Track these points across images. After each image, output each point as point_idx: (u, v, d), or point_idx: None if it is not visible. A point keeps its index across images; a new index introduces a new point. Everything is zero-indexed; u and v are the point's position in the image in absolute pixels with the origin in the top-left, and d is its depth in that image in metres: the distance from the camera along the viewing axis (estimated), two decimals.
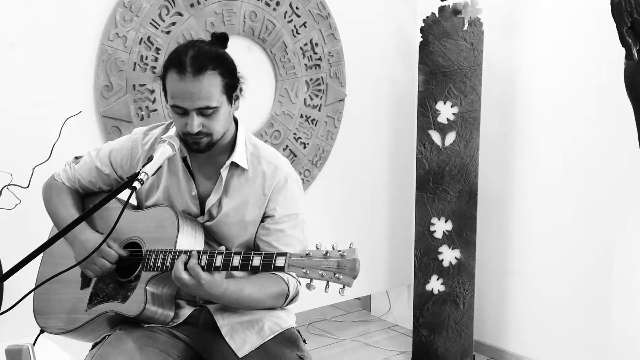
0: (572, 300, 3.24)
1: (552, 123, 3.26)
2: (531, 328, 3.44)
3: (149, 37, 2.75)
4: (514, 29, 3.38)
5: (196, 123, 1.74)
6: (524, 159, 3.40)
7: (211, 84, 1.73)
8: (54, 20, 2.54)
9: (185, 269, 1.67)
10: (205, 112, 1.74)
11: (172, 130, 1.88)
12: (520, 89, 3.38)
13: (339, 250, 1.56)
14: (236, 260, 1.66)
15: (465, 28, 3.24)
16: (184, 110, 1.75)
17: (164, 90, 1.79)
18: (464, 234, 3.35)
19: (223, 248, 1.71)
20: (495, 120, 3.47)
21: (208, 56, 1.74)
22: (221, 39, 1.85)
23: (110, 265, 1.84)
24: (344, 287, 1.55)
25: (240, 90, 1.85)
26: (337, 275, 1.54)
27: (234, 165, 1.88)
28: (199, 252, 1.69)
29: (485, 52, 3.29)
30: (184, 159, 1.90)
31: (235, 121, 1.92)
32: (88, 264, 1.84)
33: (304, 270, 1.57)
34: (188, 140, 1.80)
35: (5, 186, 2.20)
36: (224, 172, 1.87)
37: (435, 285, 3.41)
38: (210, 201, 1.88)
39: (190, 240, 1.81)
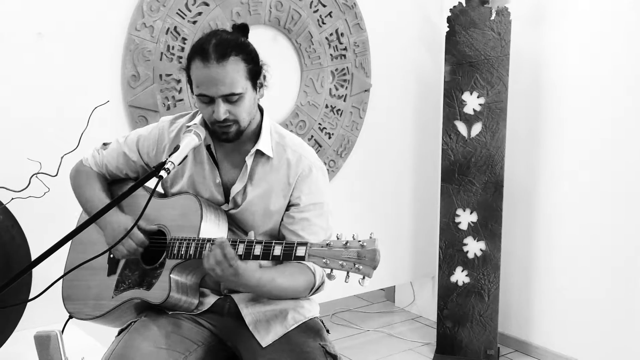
0: (599, 298, 3.21)
1: (581, 116, 3.23)
2: (556, 321, 3.42)
3: (175, 27, 2.77)
4: (543, 19, 3.34)
5: (222, 110, 1.76)
6: (551, 152, 3.37)
7: (235, 70, 1.74)
8: (82, 11, 2.57)
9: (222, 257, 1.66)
10: (230, 99, 1.76)
11: (198, 119, 1.90)
12: (548, 80, 3.35)
13: (359, 241, 1.56)
14: (257, 249, 1.67)
15: (492, 18, 3.21)
16: (209, 99, 1.76)
17: (189, 81, 1.81)
18: (489, 226, 3.33)
19: (252, 234, 1.71)
20: (522, 111, 3.44)
21: (230, 43, 1.76)
22: (242, 29, 1.86)
23: (136, 247, 1.86)
24: (364, 277, 1.54)
25: (264, 77, 1.86)
26: (357, 266, 1.54)
27: (259, 153, 1.89)
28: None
29: (512, 42, 3.25)
30: (208, 147, 1.91)
31: (261, 110, 1.93)
32: (117, 245, 1.86)
33: (324, 260, 1.57)
34: (217, 130, 1.81)
35: (34, 174, 2.23)
36: (249, 160, 1.88)
37: (460, 276, 3.40)
38: (235, 189, 1.90)
39: (214, 228, 1.82)
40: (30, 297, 1.70)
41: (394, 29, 3.54)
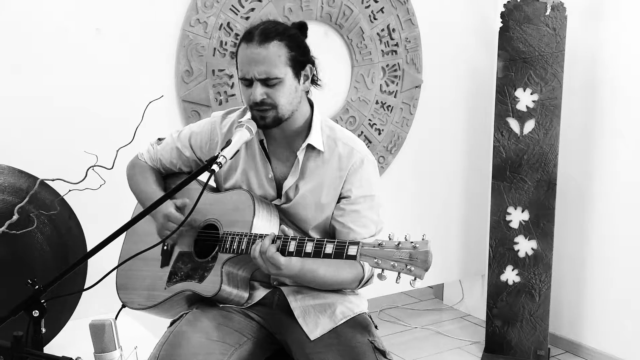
0: None
1: (638, 115, 3.14)
2: (609, 322, 3.35)
3: (228, 23, 2.80)
4: (600, 15, 3.26)
5: (259, 92, 1.77)
6: (606, 151, 3.30)
7: (276, 54, 1.76)
8: (138, 7, 2.62)
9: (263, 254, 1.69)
10: (269, 82, 1.77)
11: (249, 114, 1.92)
12: (604, 77, 3.27)
13: (412, 242, 1.54)
14: (309, 247, 1.67)
15: (547, 13, 3.15)
16: (249, 82, 1.78)
17: (237, 68, 1.83)
18: (541, 225, 3.28)
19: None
20: (576, 109, 3.37)
21: (277, 29, 1.79)
22: (300, 26, 1.88)
23: (185, 228, 1.89)
24: (415, 278, 1.54)
25: (311, 70, 1.87)
26: (408, 267, 1.53)
27: (310, 147, 1.90)
28: (273, 237, 1.71)
29: (568, 38, 3.19)
30: (261, 142, 1.93)
31: (311, 105, 1.94)
32: (163, 230, 1.90)
33: (375, 260, 1.56)
34: (255, 115, 1.82)
35: (90, 167, 2.28)
36: (300, 154, 1.89)
37: (510, 275, 3.36)
38: (287, 184, 1.91)
39: (266, 224, 1.84)
40: (86, 286, 1.74)
41: (446, 24, 3.51)
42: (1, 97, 2.41)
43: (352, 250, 1.61)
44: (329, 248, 1.65)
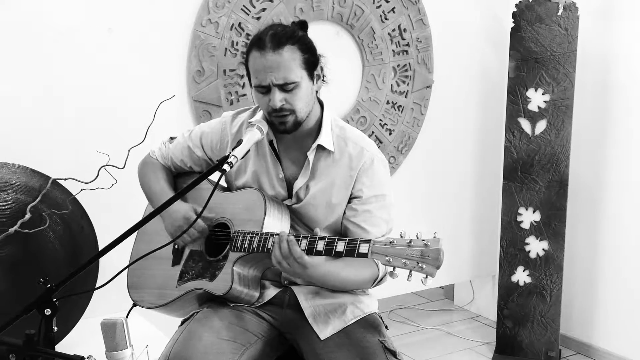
0: None
1: None
2: (621, 323, 3.33)
3: (239, 23, 2.81)
4: (612, 15, 3.24)
5: (278, 98, 1.77)
6: (618, 151, 3.28)
7: (291, 58, 1.76)
8: (149, 7, 2.63)
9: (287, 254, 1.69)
10: (286, 87, 1.77)
11: (259, 114, 1.92)
12: (617, 78, 3.25)
13: (423, 240, 1.54)
14: (320, 245, 1.68)
15: (559, 13, 3.14)
16: (266, 89, 1.78)
17: (248, 75, 1.83)
18: (552, 225, 3.26)
19: (318, 231, 1.73)
20: (588, 109, 3.35)
21: (287, 33, 1.79)
22: (300, 24, 1.88)
23: (198, 234, 1.90)
24: (426, 276, 1.53)
25: (322, 69, 1.87)
26: (420, 265, 1.53)
27: (321, 147, 1.90)
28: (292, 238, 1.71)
29: (580, 38, 3.17)
30: (271, 143, 1.93)
31: (321, 104, 1.94)
32: (179, 231, 1.90)
33: (387, 258, 1.56)
34: (274, 121, 1.83)
35: (102, 167, 2.30)
36: (310, 155, 1.89)
37: (521, 276, 3.35)
38: (298, 184, 1.91)
39: (277, 223, 1.84)
40: (97, 285, 1.75)
41: (458, 24, 3.50)
42: (14, 97, 2.42)
43: (363, 248, 1.62)
44: (341, 246, 1.65)
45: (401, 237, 1.58)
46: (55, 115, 2.49)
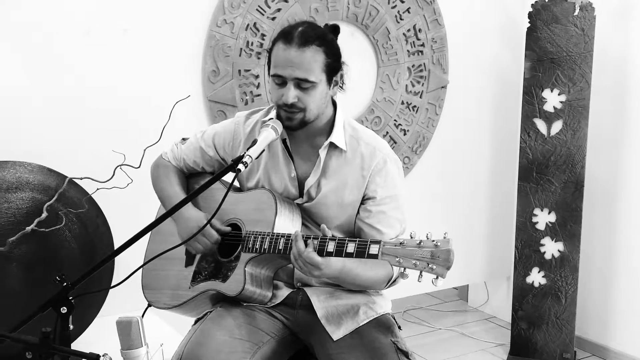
0: None
1: None
2: (637, 326, 3.31)
3: (255, 24, 2.81)
4: (629, 15, 3.22)
5: (292, 94, 1.78)
6: (635, 153, 3.25)
7: (314, 59, 1.77)
8: (165, 8, 2.65)
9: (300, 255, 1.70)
10: (302, 85, 1.78)
11: (273, 113, 1.92)
12: (634, 78, 3.23)
13: (433, 240, 1.54)
14: (331, 246, 1.68)
15: (576, 13, 3.12)
16: (282, 80, 1.79)
17: (269, 63, 1.84)
18: (568, 227, 3.25)
19: (324, 227, 1.73)
20: (605, 110, 3.33)
21: (316, 33, 1.80)
22: (333, 28, 1.89)
23: (211, 245, 1.91)
24: (437, 277, 1.53)
25: (341, 77, 1.87)
26: (430, 266, 1.53)
27: (333, 146, 1.90)
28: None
29: (596, 38, 3.15)
30: (284, 141, 1.93)
31: (334, 104, 1.94)
32: (192, 241, 1.91)
33: (397, 259, 1.57)
34: (282, 115, 1.83)
35: (118, 166, 2.31)
36: (322, 152, 1.89)
37: (536, 277, 3.33)
38: (309, 182, 1.91)
39: (288, 223, 1.85)
40: (113, 284, 1.76)
41: (473, 24, 3.49)
42: (30, 97, 2.45)
43: (373, 249, 1.62)
44: (351, 247, 1.66)
45: (411, 237, 1.58)
46: (72, 115, 2.52)
